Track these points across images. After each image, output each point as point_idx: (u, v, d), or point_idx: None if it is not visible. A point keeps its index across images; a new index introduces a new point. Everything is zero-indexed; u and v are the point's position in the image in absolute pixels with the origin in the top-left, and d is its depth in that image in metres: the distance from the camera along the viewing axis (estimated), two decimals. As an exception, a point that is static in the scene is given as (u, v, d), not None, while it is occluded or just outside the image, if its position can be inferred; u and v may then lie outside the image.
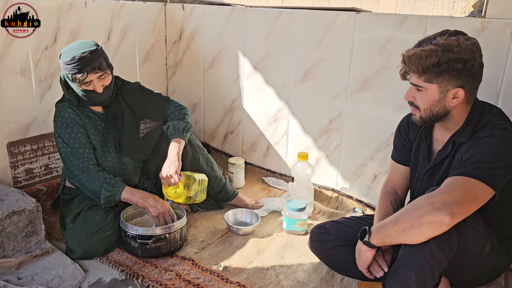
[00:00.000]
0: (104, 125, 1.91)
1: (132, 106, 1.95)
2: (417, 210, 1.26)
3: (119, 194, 1.78)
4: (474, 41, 1.33)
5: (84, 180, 1.78)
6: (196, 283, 1.61)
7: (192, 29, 2.66)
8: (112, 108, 1.90)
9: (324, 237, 1.67)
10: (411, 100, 1.42)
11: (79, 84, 1.73)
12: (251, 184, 2.51)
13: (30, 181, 2.18)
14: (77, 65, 1.68)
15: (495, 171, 1.25)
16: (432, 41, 1.33)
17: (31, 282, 1.56)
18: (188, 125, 1.97)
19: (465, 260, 1.37)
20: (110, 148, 1.91)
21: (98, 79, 1.75)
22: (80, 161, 1.79)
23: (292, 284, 1.63)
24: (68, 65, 1.69)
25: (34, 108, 2.16)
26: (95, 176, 1.78)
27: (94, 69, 1.71)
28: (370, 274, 1.50)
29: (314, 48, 2.17)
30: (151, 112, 2.01)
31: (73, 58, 1.68)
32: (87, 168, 1.79)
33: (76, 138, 1.80)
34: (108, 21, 2.40)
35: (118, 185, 1.79)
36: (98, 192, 1.77)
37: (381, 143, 2.06)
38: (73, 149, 1.79)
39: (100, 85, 1.77)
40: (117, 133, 1.91)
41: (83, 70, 1.69)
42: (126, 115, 1.93)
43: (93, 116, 1.88)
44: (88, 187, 1.79)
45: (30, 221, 1.72)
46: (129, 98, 1.95)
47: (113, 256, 1.78)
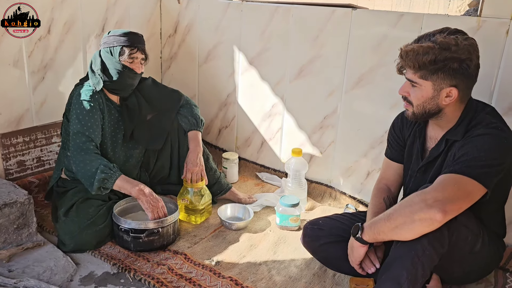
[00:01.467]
0: (118, 116, 1.95)
1: (150, 100, 2.04)
2: (409, 207, 1.26)
3: (114, 179, 1.75)
4: (472, 42, 1.33)
5: (80, 161, 1.75)
6: (189, 278, 1.61)
7: (187, 23, 2.64)
8: (129, 101, 1.97)
9: (316, 233, 1.67)
10: (405, 95, 1.43)
11: (126, 56, 1.81)
12: (244, 179, 2.51)
13: (22, 173, 2.16)
14: (130, 39, 1.82)
15: (487, 169, 1.26)
16: (431, 38, 1.33)
17: (22, 274, 1.55)
18: (201, 117, 2.13)
19: (456, 257, 1.38)
20: (119, 140, 1.95)
21: (140, 60, 1.87)
22: (84, 139, 1.77)
23: (284, 280, 1.63)
24: (121, 37, 1.81)
25: (26, 99, 2.14)
26: (92, 157, 1.76)
27: (142, 50, 1.86)
28: (362, 270, 1.50)
29: (310, 44, 2.16)
30: (166, 105, 2.09)
31: (127, 33, 1.83)
32: (86, 148, 1.77)
33: (91, 118, 1.81)
34: (103, 13, 2.38)
35: (115, 170, 1.77)
36: (93, 174, 1.72)
37: (375, 140, 2.07)
38: (83, 127, 1.78)
39: (139, 68, 1.88)
40: (131, 125, 1.96)
41: (135, 44, 1.83)
42: (143, 108, 2.00)
43: (110, 104, 1.92)
44: (83, 168, 1.74)
45: (21, 214, 1.71)
46: (147, 92, 2.03)
47: (105, 249, 1.78)
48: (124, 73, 1.84)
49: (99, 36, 2.37)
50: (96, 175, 1.72)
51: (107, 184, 1.75)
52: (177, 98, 2.12)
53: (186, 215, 2.01)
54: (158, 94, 2.08)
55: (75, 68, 2.31)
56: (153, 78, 2.12)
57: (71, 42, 2.27)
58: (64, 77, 2.27)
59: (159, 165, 2.13)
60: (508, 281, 1.62)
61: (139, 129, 2.00)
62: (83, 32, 2.31)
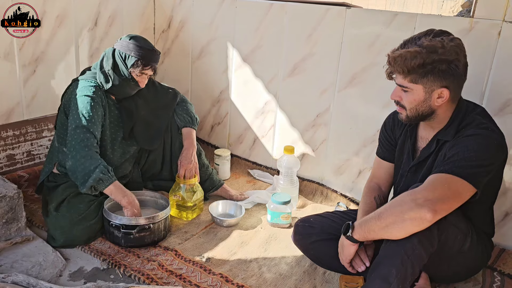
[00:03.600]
0: (117, 113, 1.95)
1: (146, 98, 2.03)
2: (400, 206, 1.27)
3: (108, 183, 1.72)
4: (458, 42, 1.34)
5: (81, 156, 1.71)
6: (179, 274, 1.61)
7: (181, 18, 2.63)
8: (125, 103, 1.96)
9: (307, 231, 1.68)
10: (397, 99, 1.43)
11: (138, 71, 1.81)
12: (236, 176, 2.50)
13: (12, 167, 2.14)
14: (148, 56, 1.81)
15: (477, 169, 1.28)
16: (416, 42, 1.33)
17: (10, 269, 1.54)
18: (196, 116, 2.14)
19: (445, 256, 1.40)
20: (119, 137, 1.95)
21: (147, 76, 1.89)
22: (88, 135, 1.75)
23: (274, 277, 1.64)
24: (141, 50, 1.80)
25: (17, 93, 2.11)
26: (94, 154, 1.74)
27: (154, 69, 1.87)
28: (352, 268, 1.51)
29: (303, 42, 2.16)
30: (163, 103, 2.09)
31: (149, 49, 1.82)
32: (90, 144, 1.75)
33: (95, 114, 1.80)
34: (95, 6, 2.36)
35: (112, 174, 1.75)
36: (91, 171, 1.69)
37: (367, 139, 2.07)
38: (88, 123, 1.76)
39: (144, 82, 1.89)
40: (129, 123, 1.96)
41: (150, 63, 1.83)
42: (140, 107, 2.00)
43: (109, 101, 1.92)
44: (82, 164, 1.70)
45: (10, 208, 1.70)
46: (143, 90, 2.00)
47: (95, 245, 1.77)
48: (128, 83, 1.85)
49: (91, 30, 2.35)
50: (93, 173, 1.69)
51: (100, 186, 1.72)
52: (173, 97, 2.12)
53: (178, 212, 2.01)
54: (155, 93, 2.07)
55: (67, 62, 2.29)
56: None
57: (63, 36, 2.24)
58: (56, 70, 2.25)
59: (151, 160, 2.13)
60: (496, 280, 1.64)
61: (138, 127, 1.99)
62: (76, 26, 2.29)
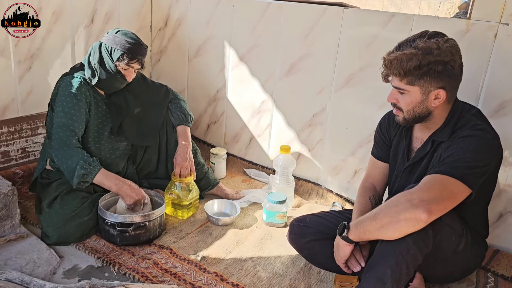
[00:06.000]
0: (105, 108, 1.93)
1: (137, 95, 2.02)
2: (395, 206, 1.27)
3: (93, 175, 1.75)
4: (453, 43, 1.35)
5: (62, 155, 1.75)
6: (174, 272, 1.61)
7: (178, 17, 2.62)
8: (114, 98, 1.95)
9: (303, 230, 1.68)
10: (394, 102, 1.44)
11: (123, 64, 1.79)
12: (232, 175, 2.50)
13: (6, 164, 2.13)
14: (134, 49, 1.79)
15: (472, 170, 1.28)
16: (412, 44, 1.34)
17: (4, 267, 1.53)
18: (190, 113, 2.12)
19: (440, 257, 1.40)
20: (106, 132, 1.93)
21: (134, 70, 1.87)
22: (67, 134, 1.76)
23: (269, 276, 1.64)
24: (127, 43, 1.78)
25: (12, 89, 2.10)
26: (73, 152, 1.75)
27: (141, 62, 1.85)
28: (347, 268, 1.51)
29: (300, 42, 2.16)
30: (154, 100, 2.07)
31: (134, 42, 1.80)
32: (69, 143, 1.76)
33: (77, 112, 1.80)
34: (92, 3, 2.35)
35: (95, 165, 1.76)
36: (74, 169, 1.73)
37: (363, 139, 2.08)
38: (68, 120, 1.77)
39: (131, 76, 1.87)
40: (118, 118, 1.94)
41: (137, 56, 1.81)
42: (130, 103, 1.99)
43: (97, 97, 1.90)
44: (64, 163, 1.74)
45: (5, 205, 1.69)
46: (134, 87, 2.00)
47: (90, 243, 1.76)
48: (115, 77, 1.84)
49: (88, 27, 2.34)
50: (75, 171, 1.72)
51: (87, 179, 1.75)
52: (165, 93, 2.11)
53: (173, 210, 2.01)
54: (146, 89, 2.06)
55: (63, 59, 2.28)
56: (141, 72, 2.09)
57: (59, 32, 2.23)
58: (52, 67, 2.24)
59: (146, 158, 2.12)
60: (490, 280, 1.65)
61: (127, 124, 1.98)
62: (72, 22, 2.27)
